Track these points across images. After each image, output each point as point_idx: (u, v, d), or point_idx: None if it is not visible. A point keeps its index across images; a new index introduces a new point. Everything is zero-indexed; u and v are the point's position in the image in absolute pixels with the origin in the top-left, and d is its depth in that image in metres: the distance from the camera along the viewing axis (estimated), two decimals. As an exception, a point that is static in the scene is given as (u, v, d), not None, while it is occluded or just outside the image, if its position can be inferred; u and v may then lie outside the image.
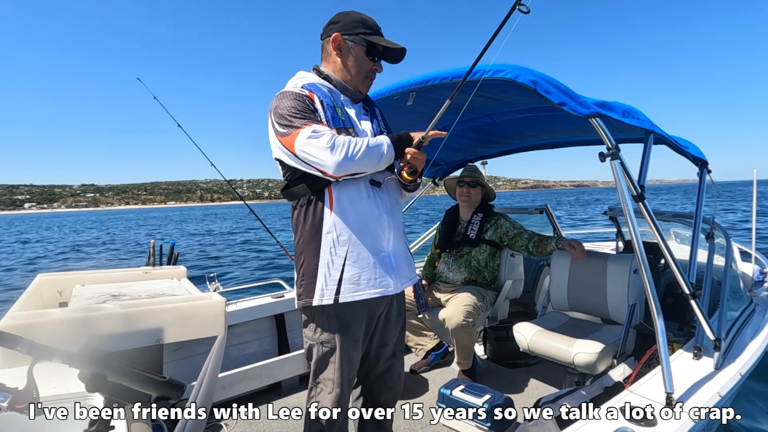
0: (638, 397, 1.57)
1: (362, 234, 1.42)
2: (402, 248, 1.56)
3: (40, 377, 0.88)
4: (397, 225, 1.54)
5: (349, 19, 1.46)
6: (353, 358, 1.49)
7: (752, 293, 2.92)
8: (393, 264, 1.49)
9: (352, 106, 1.53)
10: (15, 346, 0.82)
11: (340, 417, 1.51)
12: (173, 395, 0.97)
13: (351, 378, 1.51)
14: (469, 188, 3.07)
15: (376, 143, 1.37)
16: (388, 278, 1.46)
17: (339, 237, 1.40)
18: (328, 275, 1.40)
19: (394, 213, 1.52)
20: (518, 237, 2.93)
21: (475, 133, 3.11)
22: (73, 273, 2.03)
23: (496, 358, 3.12)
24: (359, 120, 1.52)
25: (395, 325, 1.63)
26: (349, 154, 1.30)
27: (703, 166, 2.49)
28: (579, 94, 1.64)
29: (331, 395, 1.47)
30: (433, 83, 1.83)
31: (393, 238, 1.50)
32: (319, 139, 1.30)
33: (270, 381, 2.74)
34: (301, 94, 1.40)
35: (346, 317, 1.44)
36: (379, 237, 1.46)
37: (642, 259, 1.60)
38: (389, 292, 1.47)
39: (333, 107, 1.43)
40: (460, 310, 2.64)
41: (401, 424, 2.37)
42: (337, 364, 1.45)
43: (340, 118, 1.42)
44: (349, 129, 1.43)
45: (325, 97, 1.43)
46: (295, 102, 1.37)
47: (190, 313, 1.51)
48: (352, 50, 1.47)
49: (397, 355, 1.66)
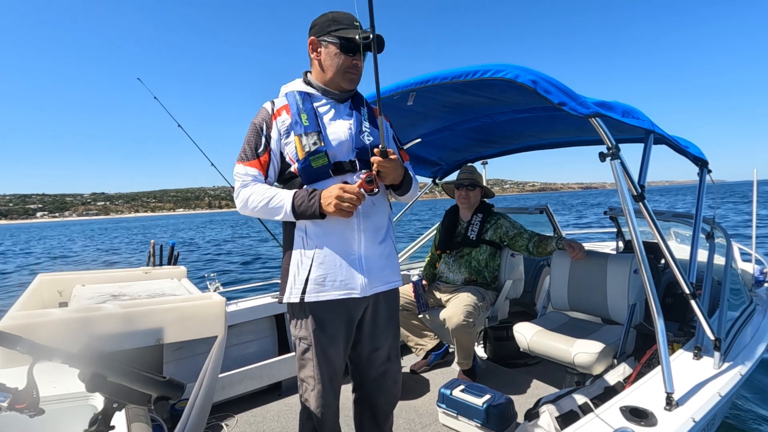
0: (638, 397, 1.57)
1: (329, 236, 1.45)
2: (378, 251, 1.53)
3: (40, 377, 0.88)
4: (371, 228, 1.51)
5: (322, 20, 1.48)
6: (331, 356, 1.51)
7: (752, 293, 2.92)
8: (363, 267, 1.48)
9: (337, 107, 1.54)
10: (15, 346, 0.82)
11: (329, 414, 1.54)
12: (173, 395, 0.97)
13: (332, 375, 1.53)
14: (468, 191, 3.07)
15: (275, 206, 1.43)
16: (355, 281, 1.47)
17: (307, 238, 1.47)
18: (297, 274, 1.47)
19: (368, 215, 1.50)
20: (518, 237, 2.93)
21: (475, 133, 3.11)
22: (73, 273, 2.03)
23: (496, 358, 3.12)
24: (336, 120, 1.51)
25: (386, 329, 1.61)
26: (248, 206, 1.47)
27: (703, 166, 2.49)
28: (579, 94, 1.64)
29: (314, 392, 1.51)
30: (433, 83, 1.83)
31: (365, 240, 1.49)
32: (236, 181, 1.49)
33: (270, 381, 2.75)
34: (260, 122, 1.49)
35: (321, 316, 1.48)
36: (347, 239, 1.46)
37: (642, 259, 1.60)
38: (355, 295, 1.47)
39: (298, 113, 1.48)
40: (460, 310, 2.64)
41: (401, 424, 2.37)
42: (315, 361, 1.49)
43: (303, 123, 1.46)
44: (311, 133, 1.45)
45: (294, 105, 1.50)
46: (249, 134, 1.50)
47: (190, 313, 1.51)
48: (327, 49, 1.48)
49: (392, 359, 1.65)
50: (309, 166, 1.44)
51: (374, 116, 1.59)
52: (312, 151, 1.43)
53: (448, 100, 2.37)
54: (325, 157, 1.44)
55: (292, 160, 1.47)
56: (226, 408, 2.57)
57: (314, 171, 1.44)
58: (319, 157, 1.44)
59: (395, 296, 1.66)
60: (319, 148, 1.44)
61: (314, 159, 1.43)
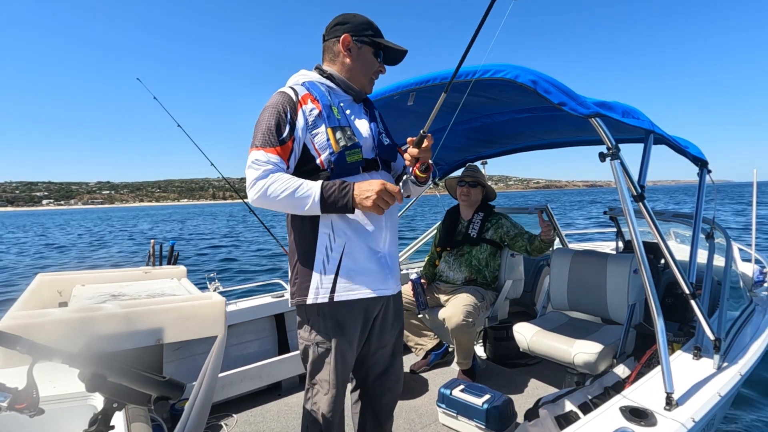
0: (638, 397, 1.57)
1: (359, 232, 1.42)
2: (396, 250, 1.57)
3: (40, 377, 0.88)
4: (393, 225, 1.53)
5: (358, 21, 1.49)
6: (348, 359, 1.49)
7: (752, 293, 2.92)
8: (389, 264, 1.50)
9: (353, 106, 1.54)
10: (15, 346, 0.82)
11: (336, 417, 1.51)
12: (173, 395, 0.97)
13: (345, 378, 1.52)
14: (470, 188, 3.09)
15: (302, 195, 1.30)
16: (385, 279, 1.47)
17: (335, 234, 1.40)
18: (324, 273, 1.40)
19: (391, 213, 1.51)
20: (518, 237, 2.93)
21: (474, 133, 3.12)
22: (73, 273, 2.03)
23: (496, 358, 3.12)
24: (358, 119, 1.53)
25: (393, 327, 1.62)
26: (268, 195, 1.30)
27: (703, 166, 2.49)
28: (579, 94, 1.64)
29: (327, 396, 1.46)
30: (433, 83, 1.83)
31: (389, 238, 1.50)
32: (254, 169, 1.32)
33: (270, 381, 2.75)
34: (283, 109, 1.36)
35: (341, 317, 1.43)
36: (375, 236, 1.46)
37: (642, 259, 1.60)
38: (386, 293, 1.48)
39: (329, 106, 1.43)
40: (459, 309, 2.64)
41: (401, 424, 2.37)
42: (333, 365, 1.44)
43: (336, 117, 1.43)
44: (345, 128, 1.43)
45: (322, 96, 1.44)
46: (269, 117, 1.35)
47: (190, 313, 1.51)
48: (362, 51, 1.49)
49: (395, 356, 1.66)
50: (344, 161, 1.40)
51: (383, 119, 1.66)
52: (348, 146, 1.40)
53: (448, 100, 2.37)
54: (360, 153, 1.43)
55: (319, 153, 1.40)
56: (225, 408, 2.57)
57: (348, 166, 1.41)
58: (355, 153, 1.41)
59: (401, 293, 1.68)
60: (355, 144, 1.42)
61: (350, 154, 1.41)
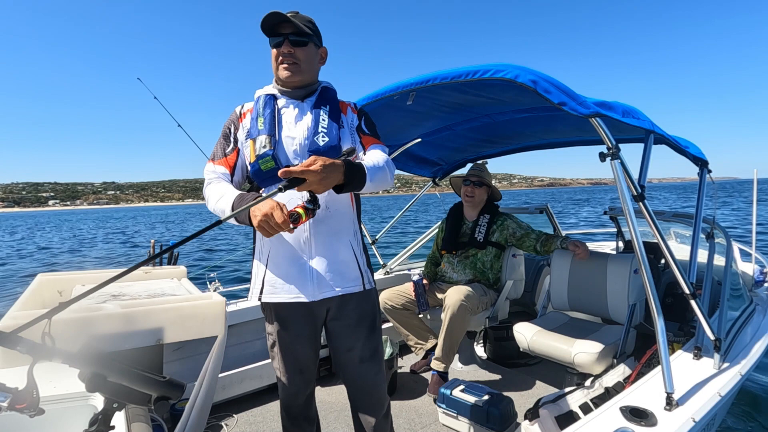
0: (638, 397, 1.57)
1: (280, 241, 1.47)
2: (332, 256, 1.49)
3: (40, 377, 0.88)
4: (324, 232, 1.48)
5: None
6: (297, 351, 1.56)
7: (752, 293, 2.92)
8: (312, 273, 1.46)
9: (298, 106, 1.53)
10: (15, 346, 0.82)
11: (295, 399, 1.62)
12: (173, 395, 0.97)
13: (301, 367, 1.58)
14: (474, 187, 3.06)
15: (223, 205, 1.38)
16: (303, 286, 1.46)
17: (263, 243, 1.51)
18: (257, 276, 1.53)
19: (321, 220, 1.46)
20: (526, 237, 2.93)
21: (475, 133, 3.11)
22: (73, 273, 2.03)
23: (496, 358, 3.12)
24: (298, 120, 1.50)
25: (356, 330, 1.57)
26: (208, 203, 1.47)
27: (703, 165, 2.49)
28: (579, 94, 1.64)
29: (281, 381, 1.60)
30: (433, 83, 1.83)
31: (315, 246, 1.46)
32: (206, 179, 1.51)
33: (270, 381, 2.75)
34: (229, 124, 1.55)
35: (283, 314, 1.53)
36: (297, 245, 1.46)
37: (642, 259, 1.60)
38: (302, 299, 1.47)
39: (256, 117, 1.51)
40: (462, 292, 2.66)
41: (401, 424, 2.37)
42: (279, 356, 1.57)
43: (258, 127, 1.48)
44: (264, 137, 1.46)
45: (256, 108, 1.53)
46: (221, 134, 1.56)
47: (190, 313, 1.51)
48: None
49: (365, 361, 1.59)
50: (259, 169, 1.45)
51: (339, 113, 1.54)
52: (261, 154, 1.44)
53: (448, 100, 2.37)
54: (272, 161, 1.43)
55: (249, 163, 1.49)
56: (226, 408, 2.57)
57: (263, 174, 1.44)
58: (267, 161, 1.43)
59: (365, 299, 1.59)
60: (266, 152, 1.43)
61: (263, 162, 1.44)
